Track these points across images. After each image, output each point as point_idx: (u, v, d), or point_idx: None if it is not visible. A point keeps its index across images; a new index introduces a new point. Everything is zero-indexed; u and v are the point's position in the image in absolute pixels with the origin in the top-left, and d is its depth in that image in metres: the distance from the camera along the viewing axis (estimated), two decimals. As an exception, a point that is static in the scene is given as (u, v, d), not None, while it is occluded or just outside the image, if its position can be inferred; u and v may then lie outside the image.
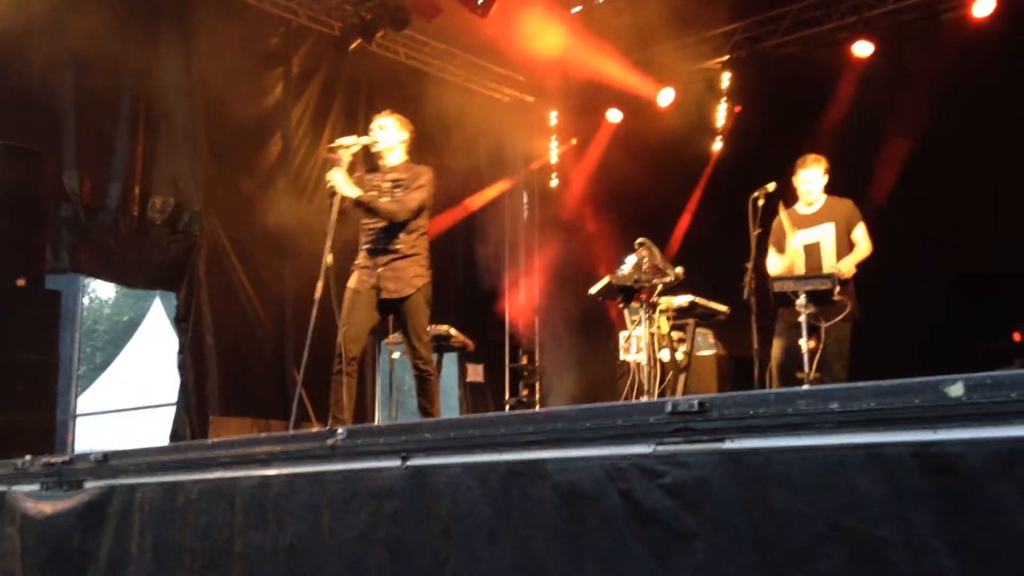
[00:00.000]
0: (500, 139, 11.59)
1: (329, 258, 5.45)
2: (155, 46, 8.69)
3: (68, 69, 8.01)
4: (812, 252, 6.39)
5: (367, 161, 5.95)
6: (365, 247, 5.84)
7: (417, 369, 5.87)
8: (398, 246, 5.77)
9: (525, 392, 11.74)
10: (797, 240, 6.44)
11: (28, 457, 4.68)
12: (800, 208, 6.55)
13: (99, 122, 8.25)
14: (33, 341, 6.69)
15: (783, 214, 6.46)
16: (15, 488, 4.59)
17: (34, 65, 7.77)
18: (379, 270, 5.76)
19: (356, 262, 5.86)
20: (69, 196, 7.92)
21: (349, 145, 5.70)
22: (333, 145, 5.75)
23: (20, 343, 6.59)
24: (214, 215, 8.94)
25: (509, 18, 9.45)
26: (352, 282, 5.80)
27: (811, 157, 6.51)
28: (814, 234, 6.42)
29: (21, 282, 6.67)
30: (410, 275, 5.78)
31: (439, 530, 2.94)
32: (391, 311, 5.89)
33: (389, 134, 5.92)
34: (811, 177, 6.46)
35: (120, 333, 28.78)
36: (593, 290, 6.64)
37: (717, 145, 10.34)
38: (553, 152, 11.92)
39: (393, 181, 5.83)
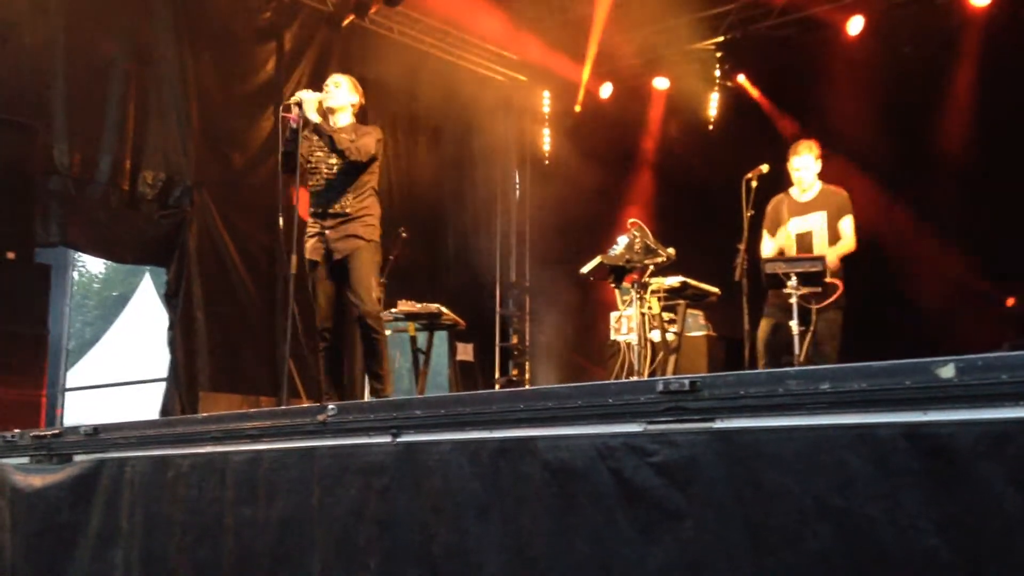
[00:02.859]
0: (493, 118, 11.55)
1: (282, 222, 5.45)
2: (147, 19, 8.61)
3: (59, 42, 7.93)
4: (804, 240, 6.44)
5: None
6: (311, 211, 5.71)
7: (362, 325, 5.65)
8: (346, 208, 5.65)
9: (515, 371, 11.76)
10: (791, 227, 6.47)
11: (17, 430, 4.67)
12: (795, 194, 6.57)
13: (90, 95, 8.17)
14: (23, 315, 6.69)
15: (777, 200, 6.49)
16: (4, 461, 4.58)
17: (25, 38, 7.70)
18: (327, 232, 5.64)
19: (307, 229, 5.75)
20: (59, 169, 7.86)
21: (308, 100, 5.59)
22: (289, 102, 5.62)
23: (10, 316, 6.60)
24: (205, 190, 8.90)
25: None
26: (307, 251, 5.69)
27: (803, 143, 6.53)
28: (807, 222, 6.46)
29: (11, 255, 6.66)
30: (358, 233, 5.63)
31: (429, 506, 2.95)
32: (342, 273, 5.69)
33: (342, 93, 5.83)
34: (804, 164, 6.48)
35: (110, 308, 28.70)
36: (585, 270, 6.64)
37: (710, 125, 10.31)
38: (546, 131, 11.89)
39: (345, 131, 5.70)
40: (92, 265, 31.85)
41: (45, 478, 4.31)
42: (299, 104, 5.58)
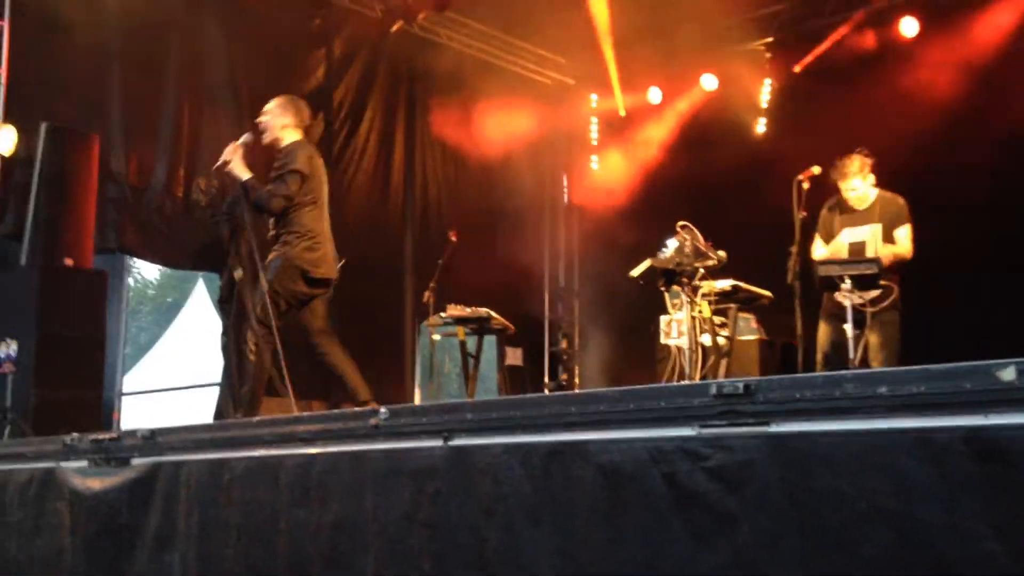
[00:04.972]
0: (541, 121, 11.55)
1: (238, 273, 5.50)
2: (199, 28, 8.73)
3: (114, 51, 8.06)
4: (857, 251, 6.35)
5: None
6: None
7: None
8: (272, 230, 5.73)
9: (564, 376, 11.73)
10: (844, 237, 6.40)
11: (76, 434, 4.75)
12: (851, 200, 6.49)
13: (145, 104, 8.31)
14: (80, 320, 6.81)
15: (831, 204, 6.43)
16: (64, 464, 4.66)
17: (80, 48, 7.82)
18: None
19: None
20: (115, 176, 8.00)
21: (235, 149, 5.65)
22: (225, 158, 5.67)
23: (68, 322, 6.71)
24: (257, 197, 8.98)
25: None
26: None
27: (852, 167, 6.37)
28: (861, 232, 6.38)
29: (69, 261, 6.78)
30: (275, 254, 5.66)
31: (480, 510, 2.95)
32: None
33: (270, 120, 5.82)
34: (855, 185, 6.40)
35: (164, 314, 29.12)
36: (634, 273, 6.61)
37: (761, 127, 10.23)
38: (594, 134, 11.87)
39: (274, 167, 5.72)
40: (147, 271, 32.37)
41: (103, 481, 4.38)
42: (231, 153, 5.64)
